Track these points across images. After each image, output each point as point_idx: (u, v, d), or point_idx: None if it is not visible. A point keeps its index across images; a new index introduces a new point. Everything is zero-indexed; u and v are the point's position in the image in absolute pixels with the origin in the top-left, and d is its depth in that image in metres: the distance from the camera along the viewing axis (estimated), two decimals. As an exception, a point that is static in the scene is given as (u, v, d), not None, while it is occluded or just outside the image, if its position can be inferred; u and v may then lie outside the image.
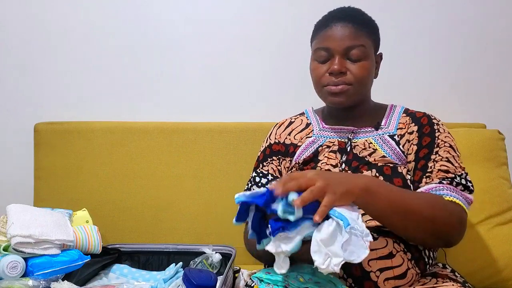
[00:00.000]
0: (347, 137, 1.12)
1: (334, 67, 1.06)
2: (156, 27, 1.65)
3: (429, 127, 1.08)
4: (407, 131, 1.10)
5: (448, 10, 1.62)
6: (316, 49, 1.10)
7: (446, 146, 1.05)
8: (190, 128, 1.58)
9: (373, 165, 1.06)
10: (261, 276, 0.93)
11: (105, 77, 1.67)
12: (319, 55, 1.09)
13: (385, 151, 1.08)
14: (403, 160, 1.07)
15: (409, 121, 1.12)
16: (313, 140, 1.16)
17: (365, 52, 1.07)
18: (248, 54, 1.66)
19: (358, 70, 1.06)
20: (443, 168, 1.00)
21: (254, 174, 1.22)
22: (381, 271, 0.94)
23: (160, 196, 1.55)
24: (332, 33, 1.07)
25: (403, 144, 1.09)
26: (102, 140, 1.57)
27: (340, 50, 1.06)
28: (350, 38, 1.05)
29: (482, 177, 1.36)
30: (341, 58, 1.06)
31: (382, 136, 1.11)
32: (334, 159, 1.10)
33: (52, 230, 1.15)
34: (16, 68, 1.67)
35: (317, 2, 1.55)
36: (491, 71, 1.64)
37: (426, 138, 1.07)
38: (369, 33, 1.09)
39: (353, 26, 1.06)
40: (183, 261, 1.28)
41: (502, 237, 1.36)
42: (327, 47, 1.07)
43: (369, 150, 1.09)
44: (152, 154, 1.56)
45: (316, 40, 1.11)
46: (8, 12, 1.64)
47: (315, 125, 1.19)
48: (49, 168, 1.58)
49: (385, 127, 1.13)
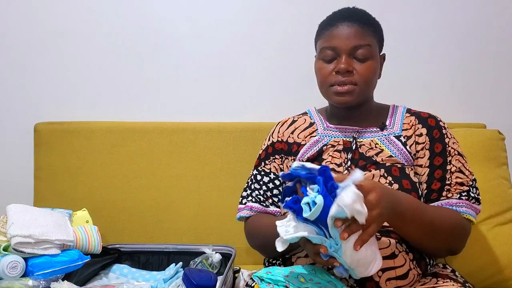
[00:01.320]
0: (352, 136, 1.12)
1: (341, 66, 1.05)
2: (156, 27, 1.65)
3: (438, 131, 1.10)
4: (414, 132, 1.11)
5: (448, 10, 1.62)
6: (322, 48, 1.09)
7: (456, 155, 1.09)
8: (190, 128, 1.58)
9: (381, 165, 1.06)
10: (262, 275, 0.93)
11: (105, 77, 1.67)
12: (325, 54, 1.09)
13: (392, 152, 1.08)
14: (409, 161, 1.08)
15: (414, 121, 1.12)
16: (317, 139, 1.15)
17: (371, 52, 1.07)
18: (248, 54, 1.65)
19: (365, 70, 1.06)
20: (458, 180, 1.06)
21: (255, 172, 1.22)
22: (383, 271, 0.94)
23: (160, 196, 1.55)
24: (338, 32, 1.07)
25: (410, 145, 1.09)
26: (102, 140, 1.57)
27: (347, 49, 1.06)
28: (356, 37, 1.05)
29: (482, 177, 1.35)
30: (348, 57, 1.06)
31: (388, 137, 1.11)
32: (339, 158, 1.09)
33: (52, 230, 1.15)
34: (16, 68, 1.67)
35: (317, 2, 1.55)
36: (491, 71, 1.64)
37: (438, 145, 1.08)
38: (375, 33, 1.09)
39: (359, 25, 1.06)
40: (183, 261, 1.28)
41: (502, 237, 1.36)
42: (333, 46, 1.07)
43: (376, 150, 1.09)
44: (152, 154, 1.56)
45: (321, 40, 1.11)
46: (8, 12, 1.64)
47: (319, 124, 1.19)
48: (49, 168, 1.58)
49: (390, 127, 1.13)
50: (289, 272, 0.92)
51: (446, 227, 0.98)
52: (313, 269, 0.93)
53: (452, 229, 1.00)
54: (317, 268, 0.94)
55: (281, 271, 0.92)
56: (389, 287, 0.94)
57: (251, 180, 1.22)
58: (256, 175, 1.21)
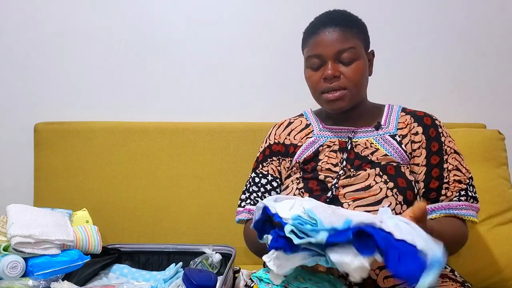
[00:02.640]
0: (347, 136, 1.13)
1: (327, 72, 1.06)
2: (156, 27, 1.65)
3: (434, 130, 1.11)
4: (410, 131, 1.11)
5: (448, 9, 1.62)
6: (308, 57, 1.11)
7: (453, 153, 1.09)
8: (190, 128, 1.58)
9: (376, 164, 1.06)
10: (261, 275, 0.93)
11: (105, 77, 1.67)
12: (312, 63, 1.10)
13: (387, 151, 1.09)
14: (405, 159, 1.08)
15: (410, 120, 1.13)
16: (313, 140, 1.16)
17: (356, 54, 1.07)
18: (248, 54, 1.65)
19: (352, 73, 1.07)
20: (456, 178, 1.07)
21: (253, 175, 1.22)
22: (381, 269, 0.95)
23: (160, 196, 1.55)
24: (321, 39, 1.07)
25: (405, 144, 1.10)
26: (102, 140, 1.57)
27: (331, 55, 1.06)
28: (339, 42, 1.06)
29: (482, 177, 1.36)
30: (334, 62, 1.07)
31: (383, 136, 1.11)
32: (335, 158, 1.10)
33: (52, 230, 1.15)
34: (16, 68, 1.67)
35: (318, 2, 1.55)
36: (491, 71, 1.64)
37: (434, 143, 1.09)
38: (358, 33, 1.09)
39: (340, 29, 1.07)
40: (183, 261, 1.28)
41: (502, 237, 1.36)
42: (318, 54, 1.08)
43: (371, 149, 1.09)
44: (152, 154, 1.56)
45: (306, 48, 1.12)
46: (8, 12, 1.64)
47: (315, 125, 1.19)
48: (49, 168, 1.58)
49: (385, 127, 1.13)
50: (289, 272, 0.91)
51: (454, 240, 1.02)
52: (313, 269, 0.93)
53: (459, 239, 1.04)
54: (317, 268, 0.94)
55: (280, 271, 0.92)
56: (386, 285, 0.95)
57: (249, 183, 1.22)
58: (254, 178, 1.22)
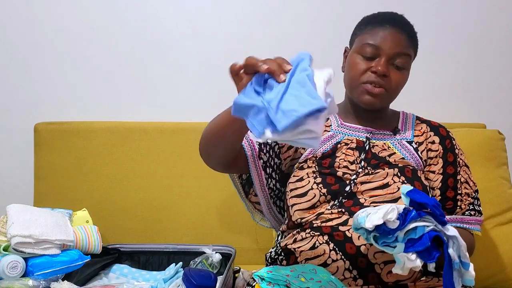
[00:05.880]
0: (365, 137, 1.13)
1: (379, 68, 1.05)
2: (156, 27, 1.65)
3: (450, 141, 1.14)
4: (426, 139, 1.14)
5: (448, 10, 1.62)
6: (365, 43, 1.08)
7: (463, 166, 1.14)
8: (190, 128, 1.57)
9: (393, 165, 1.08)
10: (263, 274, 0.93)
11: (105, 77, 1.67)
12: (366, 51, 1.07)
13: (404, 155, 1.10)
14: (420, 166, 1.11)
15: (426, 129, 1.16)
16: (331, 135, 1.15)
17: (408, 63, 1.10)
18: (248, 54, 1.63)
19: (398, 79, 1.08)
20: (466, 191, 1.11)
21: None
22: (386, 263, 0.96)
23: (160, 196, 1.55)
24: (386, 34, 1.07)
25: (422, 151, 1.12)
26: (102, 140, 1.57)
27: (390, 53, 1.06)
28: (401, 46, 1.07)
29: (482, 177, 1.36)
30: (387, 61, 1.06)
31: (400, 141, 1.13)
32: (352, 156, 1.10)
33: (52, 230, 1.14)
34: (16, 68, 1.67)
35: (318, 2, 1.55)
36: (491, 71, 1.64)
37: (450, 154, 1.12)
38: (415, 47, 1.12)
39: (407, 36, 1.08)
40: (183, 261, 1.28)
41: (502, 237, 1.36)
42: (377, 46, 1.06)
43: (389, 151, 1.11)
44: (152, 154, 1.56)
45: (365, 35, 1.09)
46: (7, 12, 1.64)
47: (333, 120, 1.18)
48: (49, 168, 1.57)
49: (402, 132, 1.15)
50: (290, 272, 0.92)
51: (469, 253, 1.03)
52: (313, 268, 0.93)
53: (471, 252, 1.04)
54: (318, 268, 0.94)
55: (282, 271, 0.92)
56: (390, 280, 0.96)
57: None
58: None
